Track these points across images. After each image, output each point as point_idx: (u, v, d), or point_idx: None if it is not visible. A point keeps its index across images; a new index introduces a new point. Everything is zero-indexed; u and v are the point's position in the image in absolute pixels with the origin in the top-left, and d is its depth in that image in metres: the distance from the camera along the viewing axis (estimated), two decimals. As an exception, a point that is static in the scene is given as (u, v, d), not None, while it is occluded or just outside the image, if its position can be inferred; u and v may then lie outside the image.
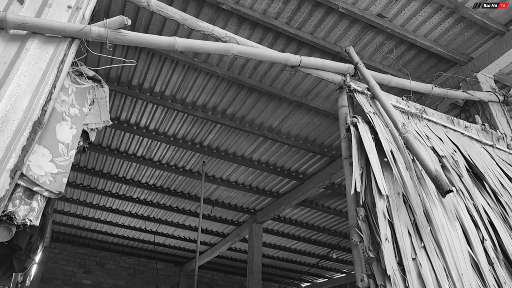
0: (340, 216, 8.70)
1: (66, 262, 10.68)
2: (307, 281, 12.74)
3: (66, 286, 10.32)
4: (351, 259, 10.55)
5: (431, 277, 2.56)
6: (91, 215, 9.46)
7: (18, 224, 2.12)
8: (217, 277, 12.24)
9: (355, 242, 2.80)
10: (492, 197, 3.20)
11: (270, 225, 9.33)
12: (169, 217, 9.31)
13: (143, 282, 11.18)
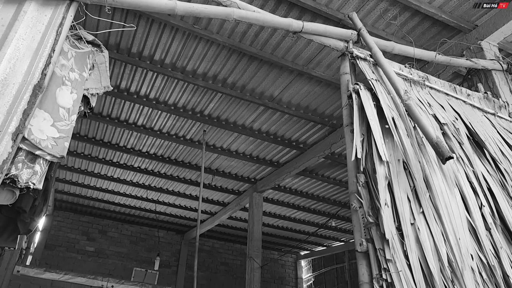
0: (339, 185, 8.78)
1: (69, 230, 10.85)
2: (306, 249, 12.98)
3: (70, 253, 10.53)
4: (350, 228, 10.73)
5: (429, 241, 2.61)
6: (92, 184, 9.55)
7: (21, 187, 2.13)
8: (218, 245, 12.47)
9: (354, 208, 2.84)
10: (492, 164, 3.22)
11: (270, 194, 9.43)
12: (170, 186, 9.40)
13: (145, 250, 11.39)
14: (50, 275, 6.67)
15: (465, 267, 2.56)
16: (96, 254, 10.86)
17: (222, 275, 12.01)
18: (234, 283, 11.87)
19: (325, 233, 11.48)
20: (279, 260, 12.96)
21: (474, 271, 2.59)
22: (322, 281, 12.12)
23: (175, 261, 11.62)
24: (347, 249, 11.37)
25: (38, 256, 9.75)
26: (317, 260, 12.67)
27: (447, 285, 2.49)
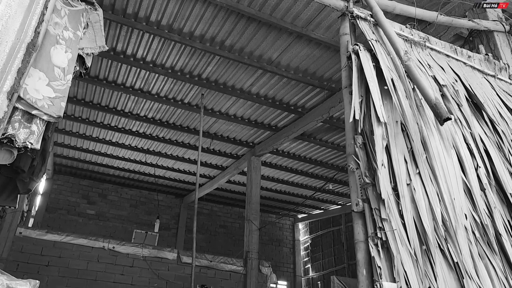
0: (337, 150, 8.82)
1: (69, 193, 10.97)
2: (303, 213, 13.19)
3: (71, 216, 10.69)
4: (347, 192, 10.86)
5: (424, 201, 2.65)
6: (91, 148, 9.57)
7: (19, 147, 2.14)
8: (217, 209, 12.66)
9: (352, 169, 2.86)
10: (489, 126, 3.23)
11: (268, 159, 9.48)
12: (168, 150, 9.43)
13: (145, 213, 11.57)
14: (52, 237, 6.79)
15: (458, 226, 2.61)
16: (96, 217, 11.03)
17: (221, 237, 12.27)
18: (233, 245, 12.14)
19: (322, 196, 11.63)
20: (277, 223, 13.21)
21: (467, 230, 2.64)
22: (319, 243, 12.40)
23: (175, 224, 11.84)
24: (344, 212, 11.56)
25: (40, 219, 9.91)
26: (314, 223, 12.91)
27: (440, 243, 2.55)
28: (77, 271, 6.80)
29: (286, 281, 12.44)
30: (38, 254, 6.63)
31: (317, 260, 12.21)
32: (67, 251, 6.82)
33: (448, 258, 2.52)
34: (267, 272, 8.02)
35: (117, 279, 7.02)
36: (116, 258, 7.13)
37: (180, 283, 7.37)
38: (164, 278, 7.30)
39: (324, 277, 11.59)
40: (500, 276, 2.56)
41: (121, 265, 7.12)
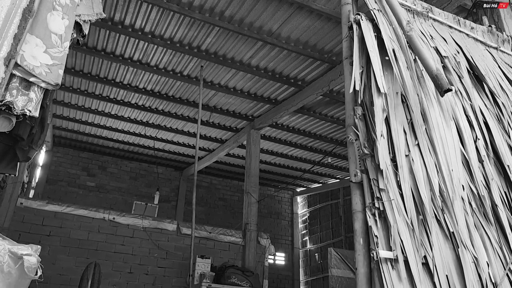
0: (336, 123, 8.81)
1: (69, 166, 11.02)
2: (302, 186, 13.30)
3: (71, 188, 10.77)
4: (345, 166, 10.92)
5: (422, 172, 2.66)
6: (90, 120, 9.55)
7: (17, 114, 2.13)
8: (216, 182, 12.75)
9: (351, 140, 2.86)
10: (490, 98, 3.21)
11: (267, 132, 9.48)
12: (168, 123, 9.42)
13: (144, 185, 11.65)
14: (53, 207, 6.86)
15: (455, 197, 2.63)
16: (96, 189, 11.11)
17: (220, 210, 12.40)
18: (232, 218, 12.29)
19: (321, 170, 11.70)
20: (275, 196, 13.33)
21: (464, 201, 2.67)
22: (317, 216, 12.55)
23: (174, 196, 11.94)
24: (342, 186, 11.65)
25: (40, 190, 9.98)
26: (313, 196, 13.03)
27: (437, 213, 2.58)
28: (78, 241, 6.90)
29: (284, 253, 12.66)
30: (40, 224, 6.71)
31: (315, 233, 12.39)
32: (68, 222, 6.90)
33: (444, 228, 2.55)
34: (265, 244, 8.14)
35: (118, 249, 7.14)
36: (116, 228, 7.23)
37: (180, 254, 7.50)
38: (164, 249, 7.42)
39: (321, 249, 11.79)
40: (494, 246, 2.60)
41: (122, 236, 7.22)
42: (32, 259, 1.83)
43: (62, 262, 6.68)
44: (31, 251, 1.86)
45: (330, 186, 12.28)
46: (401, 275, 2.35)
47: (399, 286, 2.33)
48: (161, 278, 7.28)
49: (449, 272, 2.43)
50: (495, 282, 2.47)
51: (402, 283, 2.34)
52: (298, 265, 12.61)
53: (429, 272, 2.42)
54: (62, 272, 6.63)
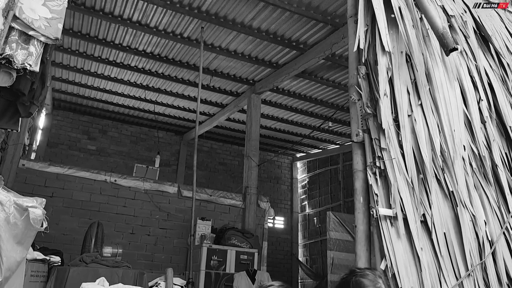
0: (338, 88, 8.74)
1: (69, 129, 11.01)
2: (302, 152, 13.35)
3: (72, 151, 10.80)
4: (345, 131, 10.92)
5: (424, 132, 2.66)
6: (90, 83, 9.46)
7: (18, 68, 2.11)
8: (216, 146, 12.78)
9: (353, 100, 2.85)
10: (495, 59, 3.17)
11: (268, 97, 9.42)
12: (168, 86, 9.34)
13: (145, 149, 11.69)
14: (55, 169, 6.91)
15: (456, 157, 2.65)
16: (97, 152, 11.15)
17: (220, 174, 12.49)
18: (232, 182, 12.40)
19: (321, 136, 11.71)
20: (275, 161, 13.40)
21: (465, 161, 2.68)
22: (316, 181, 12.67)
23: (175, 161, 12.00)
24: (342, 151, 11.69)
25: (42, 153, 10.02)
26: (312, 161, 13.11)
27: (437, 173, 2.60)
28: (81, 203, 6.99)
29: (283, 217, 12.86)
30: (42, 186, 6.78)
31: (314, 198, 12.54)
32: (70, 183, 6.97)
33: (444, 187, 2.58)
34: (265, 207, 8.26)
35: (120, 211, 7.24)
36: (118, 191, 7.31)
37: (181, 216, 7.61)
38: (165, 211, 7.53)
39: (320, 214, 11.97)
40: (493, 205, 2.64)
41: (123, 198, 7.31)
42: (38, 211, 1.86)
43: (65, 222, 6.80)
44: (36, 204, 1.89)
45: (329, 151, 12.33)
46: (400, 232, 2.40)
47: (397, 242, 2.38)
48: (163, 239, 7.43)
49: (447, 230, 2.48)
50: (492, 240, 2.52)
51: (401, 239, 2.39)
52: (297, 228, 12.84)
53: (427, 229, 2.47)
54: (66, 232, 6.75)
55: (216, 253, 6.73)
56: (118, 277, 3.85)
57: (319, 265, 11.42)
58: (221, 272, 6.69)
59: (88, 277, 3.67)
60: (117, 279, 3.80)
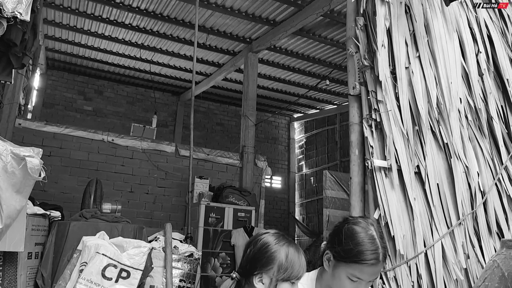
0: (336, 46, 8.63)
1: (65, 89, 10.90)
2: (299, 112, 13.33)
3: (68, 111, 10.75)
4: (343, 91, 10.86)
5: (421, 84, 2.65)
6: (84, 42, 9.29)
7: (8, 17, 2.06)
8: (213, 107, 12.73)
9: (351, 53, 2.81)
10: (495, 11, 3.11)
11: (265, 56, 9.30)
12: (163, 45, 9.18)
13: (142, 110, 11.64)
14: (52, 128, 6.89)
15: (452, 109, 2.65)
16: (94, 113, 11.10)
17: (217, 134, 12.52)
18: (229, 142, 12.44)
19: (319, 96, 11.66)
20: (273, 122, 13.40)
21: (461, 113, 2.69)
22: (313, 141, 12.72)
23: (172, 121, 11.99)
24: (339, 111, 11.68)
25: (38, 114, 9.97)
26: (310, 122, 13.11)
27: (433, 125, 2.61)
28: (79, 162, 7.03)
29: (280, 176, 13.00)
30: (39, 145, 6.77)
31: (311, 158, 12.64)
32: (67, 143, 6.98)
33: (439, 139, 2.60)
34: (262, 166, 8.33)
35: (118, 170, 7.30)
36: (116, 150, 7.33)
37: (179, 174, 7.68)
38: (163, 170, 7.59)
39: (317, 173, 12.10)
40: (486, 157, 2.67)
41: (121, 157, 7.35)
42: (35, 160, 1.87)
43: (64, 181, 6.86)
44: (33, 153, 1.89)
45: (327, 112, 12.31)
46: (394, 183, 2.44)
47: (391, 192, 2.42)
48: (161, 197, 7.53)
49: (440, 181, 2.52)
50: (484, 191, 2.56)
51: (394, 190, 2.43)
52: (294, 188, 13.02)
53: (420, 180, 2.51)
54: (65, 190, 6.83)
55: (214, 211, 6.85)
56: (118, 231, 3.92)
57: (315, 223, 11.66)
58: (219, 229, 6.83)
59: (88, 231, 3.74)
60: (116, 233, 3.88)
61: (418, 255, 2.29)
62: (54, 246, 3.73)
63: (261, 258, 1.74)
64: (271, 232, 1.84)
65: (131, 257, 3.40)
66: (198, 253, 4.54)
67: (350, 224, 1.82)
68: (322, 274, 1.89)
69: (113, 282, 3.30)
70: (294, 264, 1.72)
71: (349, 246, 1.72)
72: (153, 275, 4.14)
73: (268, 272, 1.71)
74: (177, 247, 4.45)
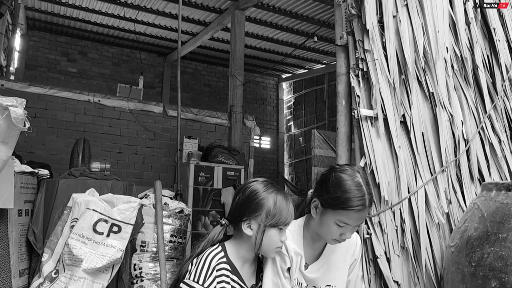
0: (324, 3, 8.46)
1: (47, 51, 10.62)
2: (288, 72, 13.23)
3: (52, 73, 10.52)
4: (331, 50, 10.77)
5: (408, 33, 2.64)
6: (64, 0, 8.96)
7: (-19, -39, 1.96)
8: (201, 68, 12.56)
9: (338, 2, 2.77)
10: (485, -42, 3.06)
11: (252, 13, 9.11)
12: (147, 3, 8.91)
13: (128, 71, 11.44)
14: (36, 89, 6.76)
15: (438, 58, 2.65)
16: (79, 75, 10.89)
17: (205, 96, 12.42)
18: (218, 103, 12.36)
19: (307, 55, 11.54)
20: (261, 83, 13.31)
21: (447, 63, 2.69)
22: (301, 101, 12.71)
23: (159, 83, 11.83)
24: (327, 71, 11.62)
25: (21, 76, 9.74)
26: (298, 82, 13.05)
27: (419, 74, 2.62)
28: (65, 123, 6.95)
29: (269, 137, 13.06)
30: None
31: (299, 118, 12.67)
32: (52, 104, 6.87)
33: (424, 88, 2.62)
34: (251, 125, 8.34)
35: (106, 131, 7.25)
36: (102, 111, 7.25)
37: (168, 135, 7.67)
38: (151, 130, 7.56)
39: (305, 133, 12.17)
40: (470, 106, 2.70)
41: (108, 118, 7.28)
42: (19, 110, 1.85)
43: (51, 142, 6.81)
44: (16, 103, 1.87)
45: (315, 71, 12.24)
46: (380, 132, 2.47)
47: (377, 141, 2.46)
48: (150, 157, 7.54)
49: (425, 130, 2.55)
50: (467, 139, 2.61)
51: (380, 138, 2.46)
52: (283, 148, 13.12)
53: (406, 129, 2.54)
54: (53, 152, 6.79)
55: (203, 170, 6.90)
56: (107, 188, 3.93)
57: (304, 182, 11.85)
58: (208, 188, 6.90)
59: (77, 189, 3.75)
60: (106, 190, 3.89)
61: (402, 201, 2.35)
62: (44, 204, 3.75)
63: (249, 205, 1.78)
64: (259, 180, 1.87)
65: (121, 212, 3.44)
66: (188, 209, 4.61)
67: (337, 172, 1.85)
68: (310, 221, 1.94)
69: (104, 236, 3.35)
70: (282, 210, 1.76)
71: (337, 194, 1.76)
72: (144, 231, 4.21)
73: (256, 218, 1.75)
74: (167, 204, 4.51)
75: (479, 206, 1.99)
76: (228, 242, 1.84)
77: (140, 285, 4.03)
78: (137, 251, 4.12)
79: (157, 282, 4.04)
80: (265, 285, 1.81)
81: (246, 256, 1.80)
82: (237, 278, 1.75)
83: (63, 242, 3.39)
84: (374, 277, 2.26)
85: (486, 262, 1.78)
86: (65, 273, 3.19)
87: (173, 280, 1.84)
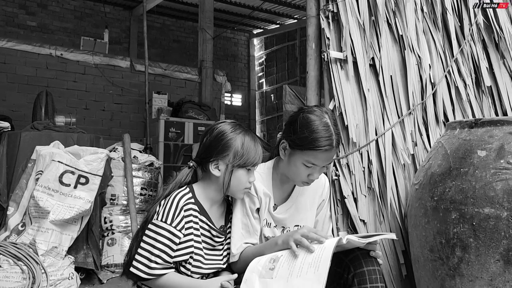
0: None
1: (3, 3, 9.94)
2: (259, 28, 12.96)
3: (10, 27, 9.92)
4: (303, 4, 10.55)
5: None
6: None
7: None
8: (169, 22, 12.12)
9: None
10: None
11: (222, -37, 8.76)
12: (110, -50, 8.41)
13: (92, 26, 10.91)
14: (-8, 42, 6.39)
15: (408, 0, 2.63)
16: (39, 29, 10.31)
17: (175, 52, 12.06)
18: (187, 60, 12.04)
19: (278, 9, 11.29)
20: (232, 39, 13.02)
21: (417, 5, 2.67)
22: (273, 58, 12.56)
23: (126, 38, 11.37)
24: (299, 26, 11.45)
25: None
26: (270, 38, 12.84)
27: (389, 17, 2.59)
28: (27, 78, 6.65)
29: (240, 94, 12.95)
30: (-20, 60, 6.33)
31: (271, 75, 12.57)
32: (11, 57, 6.53)
33: (394, 31, 2.60)
34: (221, 81, 8.22)
35: (70, 86, 6.99)
36: (66, 65, 6.96)
37: (136, 90, 7.48)
38: (118, 85, 7.34)
39: (277, 90, 12.12)
40: (438, 49, 2.71)
41: (73, 73, 7.00)
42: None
43: (12, 98, 6.53)
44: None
45: (287, 27, 12.04)
46: (349, 74, 2.45)
47: (346, 84, 2.45)
48: (118, 114, 7.36)
49: (393, 73, 2.56)
50: (434, 82, 2.64)
51: (349, 81, 2.46)
52: (254, 105, 13.06)
53: (375, 72, 2.54)
54: (14, 108, 6.52)
55: (174, 126, 6.80)
56: (73, 140, 3.82)
57: (275, 139, 11.92)
58: (179, 143, 6.84)
59: (41, 142, 3.63)
60: (72, 143, 3.78)
61: (369, 143, 2.38)
62: (7, 157, 3.63)
63: (217, 146, 1.75)
64: (227, 121, 1.84)
65: (88, 163, 3.37)
66: (159, 162, 4.57)
67: (305, 113, 1.83)
68: (279, 163, 1.94)
69: (72, 188, 3.29)
70: (250, 151, 1.74)
71: (304, 134, 1.74)
72: (113, 184, 4.15)
73: (224, 159, 1.73)
74: (137, 157, 4.44)
75: (443, 144, 2.04)
76: (196, 184, 1.82)
77: (111, 238, 4.02)
78: (107, 204, 4.08)
79: (128, 235, 4.04)
80: (234, 225, 1.82)
81: (215, 197, 1.79)
82: (205, 219, 1.74)
83: (28, 195, 3.31)
84: (341, 217, 2.32)
85: (448, 196, 1.84)
86: (32, 225, 3.14)
87: (142, 222, 1.82)
